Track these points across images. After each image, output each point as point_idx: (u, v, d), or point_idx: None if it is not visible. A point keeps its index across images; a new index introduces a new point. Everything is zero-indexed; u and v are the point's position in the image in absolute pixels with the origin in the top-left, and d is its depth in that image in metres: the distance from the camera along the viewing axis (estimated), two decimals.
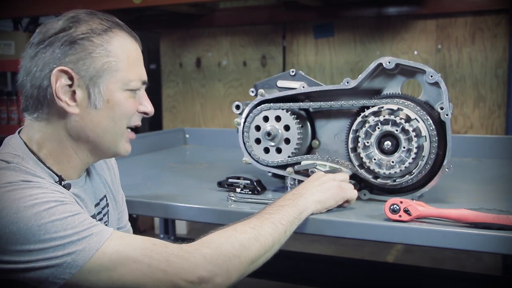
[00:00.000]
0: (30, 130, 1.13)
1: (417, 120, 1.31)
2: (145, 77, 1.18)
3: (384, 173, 1.34)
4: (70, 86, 1.08)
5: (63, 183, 1.11)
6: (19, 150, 1.09)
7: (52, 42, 1.07)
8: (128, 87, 1.13)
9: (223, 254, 1.02)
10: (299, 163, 1.48)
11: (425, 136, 1.31)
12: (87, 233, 0.97)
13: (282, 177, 1.53)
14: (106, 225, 1.27)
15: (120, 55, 1.11)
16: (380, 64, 1.38)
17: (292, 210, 1.20)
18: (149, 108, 1.20)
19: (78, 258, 0.95)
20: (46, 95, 1.09)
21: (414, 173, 1.32)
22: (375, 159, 1.35)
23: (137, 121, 1.19)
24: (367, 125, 1.35)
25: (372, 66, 1.38)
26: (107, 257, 0.97)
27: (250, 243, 1.07)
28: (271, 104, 1.49)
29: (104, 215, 1.28)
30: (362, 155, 1.36)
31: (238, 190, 1.50)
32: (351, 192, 1.32)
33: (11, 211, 0.94)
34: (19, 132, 1.15)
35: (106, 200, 1.30)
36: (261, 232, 1.10)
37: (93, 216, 1.20)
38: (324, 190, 1.28)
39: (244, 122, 1.52)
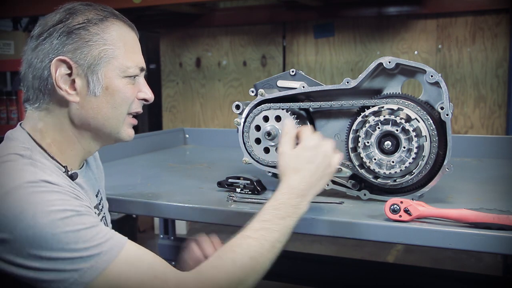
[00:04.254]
0: (32, 120, 1.15)
1: (418, 120, 1.31)
2: (142, 64, 1.20)
3: (384, 173, 1.34)
4: (70, 75, 1.11)
5: (69, 173, 1.13)
6: (26, 142, 1.11)
7: (51, 34, 1.10)
8: (126, 73, 1.15)
9: None
10: None
11: (426, 136, 1.30)
12: (97, 250, 0.98)
13: None
14: (104, 218, 1.29)
15: (116, 43, 1.14)
16: (380, 64, 1.38)
17: (292, 221, 1.14)
18: (148, 94, 1.21)
19: (84, 276, 0.96)
20: (47, 85, 1.11)
21: (414, 173, 1.32)
22: (375, 159, 1.35)
23: (137, 108, 1.21)
24: (367, 125, 1.35)
25: (372, 65, 1.38)
26: (109, 281, 0.98)
27: (248, 275, 1.05)
28: (271, 104, 1.49)
29: (102, 206, 1.31)
30: (362, 155, 1.36)
31: (238, 190, 1.50)
32: (336, 165, 1.24)
33: (28, 215, 0.95)
34: (20, 125, 1.18)
35: (100, 194, 1.33)
36: (259, 260, 1.07)
37: (96, 206, 1.23)
38: (322, 181, 1.21)
39: (244, 122, 1.52)
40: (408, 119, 1.31)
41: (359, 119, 1.36)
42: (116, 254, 0.99)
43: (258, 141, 1.51)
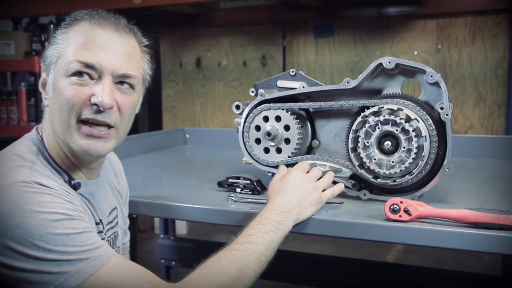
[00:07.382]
0: (43, 124, 1.16)
1: (417, 120, 1.31)
2: (93, 60, 1.05)
3: (384, 173, 1.34)
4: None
5: (72, 182, 1.11)
6: (35, 146, 1.11)
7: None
8: (68, 71, 1.06)
9: None
10: None
11: (425, 136, 1.30)
12: (85, 255, 0.96)
13: None
14: (115, 236, 1.27)
15: (68, 40, 1.08)
16: (380, 64, 1.38)
17: (277, 236, 1.16)
18: (98, 98, 1.05)
19: (70, 280, 0.94)
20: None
21: (414, 173, 1.32)
22: (375, 159, 1.35)
23: (87, 114, 1.06)
24: (367, 125, 1.35)
25: (372, 66, 1.38)
26: (97, 286, 0.95)
27: (234, 285, 1.05)
28: (271, 104, 1.49)
29: (115, 224, 1.29)
30: (362, 155, 1.36)
31: (238, 190, 1.50)
32: (325, 199, 1.30)
33: (17, 214, 0.93)
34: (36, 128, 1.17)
35: (117, 211, 1.31)
36: (245, 272, 1.07)
37: (108, 223, 1.22)
38: (307, 207, 1.25)
39: (244, 122, 1.52)
40: (408, 119, 1.31)
41: (359, 119, 1.36)
42: (105, 262, 0.97)
43: (258, 141, 1.52)
